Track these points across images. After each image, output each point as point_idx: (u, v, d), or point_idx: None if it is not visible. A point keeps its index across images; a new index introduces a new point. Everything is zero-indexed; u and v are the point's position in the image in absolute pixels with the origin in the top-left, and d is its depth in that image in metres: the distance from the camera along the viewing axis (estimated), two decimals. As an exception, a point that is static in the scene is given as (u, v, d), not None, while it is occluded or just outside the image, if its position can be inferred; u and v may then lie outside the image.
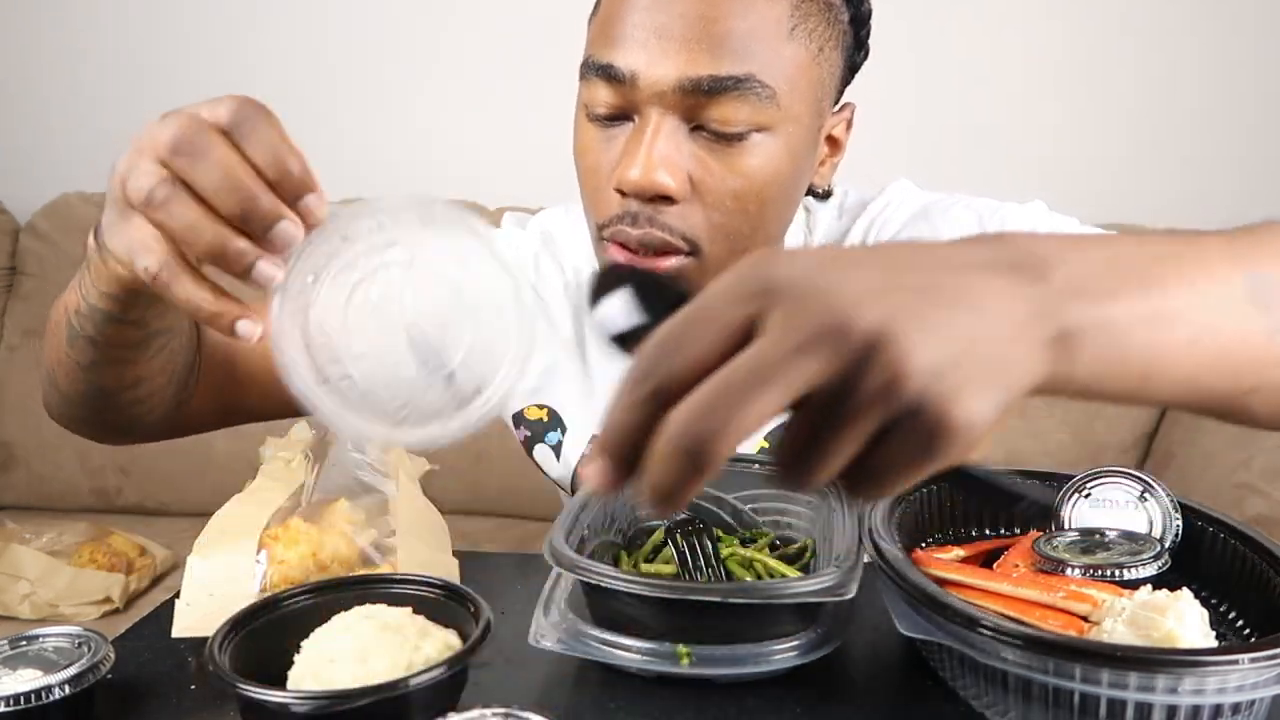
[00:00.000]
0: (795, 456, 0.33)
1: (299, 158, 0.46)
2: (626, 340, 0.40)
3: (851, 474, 0.33)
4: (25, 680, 0.50)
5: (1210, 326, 0.38)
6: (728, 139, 0.66)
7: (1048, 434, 1.65)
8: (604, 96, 0.67)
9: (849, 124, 0.77)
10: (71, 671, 0.51)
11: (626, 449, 0.33)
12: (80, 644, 0.54)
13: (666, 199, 0.66)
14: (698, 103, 0.64)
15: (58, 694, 0.50)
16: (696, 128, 0.66)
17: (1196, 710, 0.47)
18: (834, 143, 0.76)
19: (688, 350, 0.32)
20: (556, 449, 0.90)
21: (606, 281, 0.41)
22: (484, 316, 0.47)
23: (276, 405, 0.78)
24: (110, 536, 1.58)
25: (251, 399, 0.78)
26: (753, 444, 0.84)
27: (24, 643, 0.54)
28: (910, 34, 1.78)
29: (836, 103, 0.75)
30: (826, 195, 0.86)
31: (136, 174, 0.45)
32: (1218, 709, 0.47)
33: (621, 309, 0.39)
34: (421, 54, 1.96)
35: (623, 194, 0.67)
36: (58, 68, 2.08)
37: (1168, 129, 1.78)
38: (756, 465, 0.75)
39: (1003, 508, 0.35)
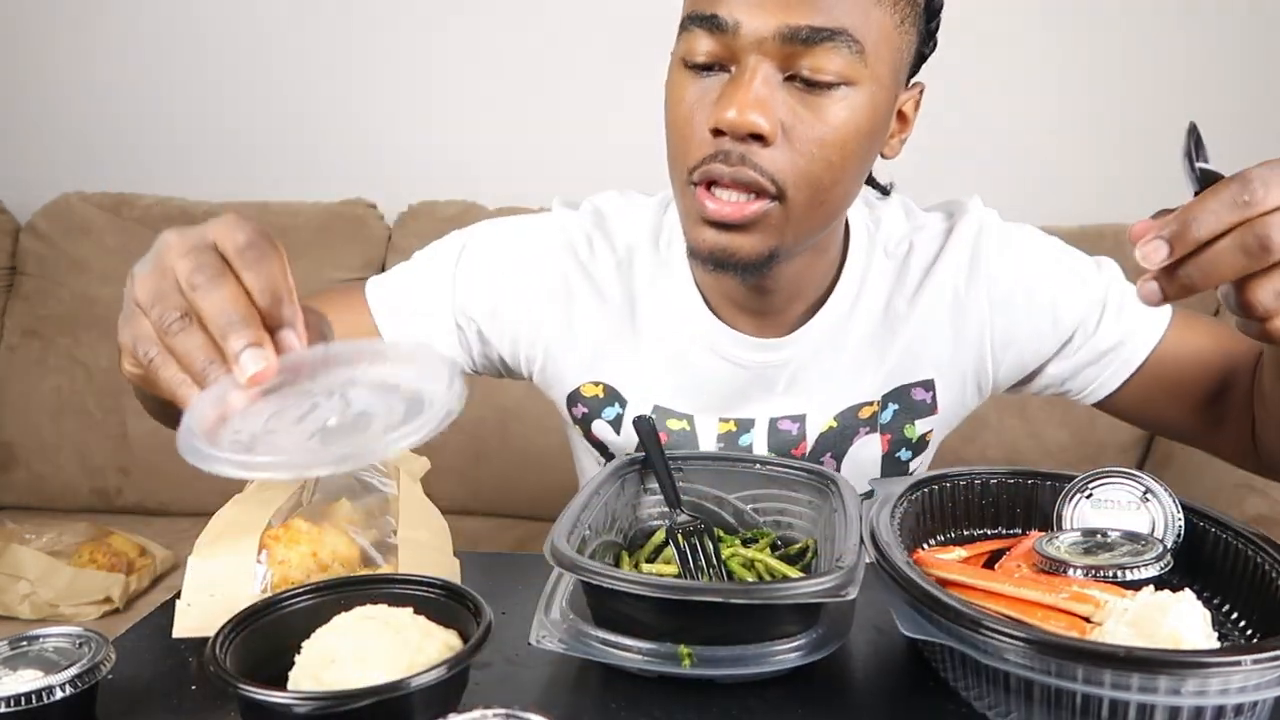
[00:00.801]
0: None
1: (290, 294, 0.50)
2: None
3: None
4: (26, 681, 0.50)
5: None
6: (818, 88, 0.69)
7: (1048, 434, 1.65)
8: (705, 46, 0.70)
9: (918, 104, 0.81)
10: (72, 672, 0.51)
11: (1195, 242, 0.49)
12: (80, 644, 0.54)
13: (760, 139, 0.69)
14: (794, 51, 0.68)
15: (58, 694, 0.50)
16: (789, 78, 0.70)
17: (1199, 711, 0.46)
18: (903, 119, 0.80)
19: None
20: (615, 423, 0.89)
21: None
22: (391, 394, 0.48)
23: None
24: (110, 536, 1.58)
25: None
26: (823, 422, 0.86)
27: (24, 643, 0.54)
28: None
29: (910, 82, 0.79)
30: (886, 191, 0.90)
31: (159, 302, 0.50)
32: (1220, 710, 0.47)
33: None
34: (422, 54, 1.96)
35: (717, 134, 0.70)
36: (58, 68, 2.08)
37: (1163, 128, 1.77)
38: (757, 465, 0.75)
39: None
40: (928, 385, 0.86)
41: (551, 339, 0.88)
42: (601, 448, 0.91)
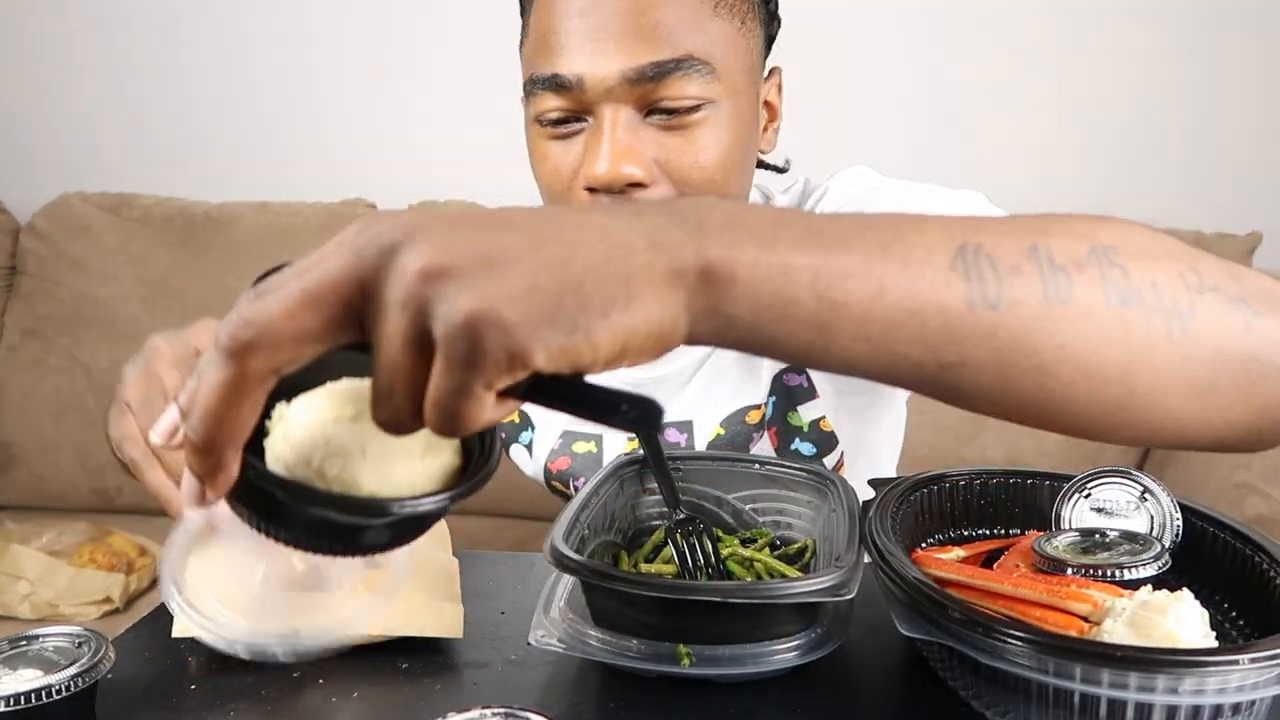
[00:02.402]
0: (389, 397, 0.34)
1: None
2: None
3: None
4: (25, 680, 0.50)
5: (897, 284, 0.38)
6: (679, 115, 0.69)
7: (1047, 434, 1.64)
8: (555, 104, 0.71)
9: (779, 88, 0.81)
10: (71, 671, 0.51)
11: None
12: (80, 643, 0.54)
13: (637, 185, 0.69)
14: (645, 90, 0.68)
15: (58, 694, 0.50)
16: (649, 114, 0.70)
17: (1197, 710, 0.47)
18: (770, 108, 0.80)
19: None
20: (529, 447, 0.92)
21: None
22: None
23: None
24: (110, 536, 1.58)
25: None
26: (709, 431, 0.84)
27: (24, 642, 0.54)
28: (902, 31, 1.79)
29: (767, 71, 0.79)
30: (783, 170, 0.90)
31: (146, 407, 0.51)
32: (1218, 709, 0.47)
33: None
34: (422, 54, 1.96)
35: (593, 191, 0.70)
36: (57, 68, 2.08)
37: (1164, 128, 1.78)
38: (757, 465, 0.75)
39: (597, 415, 0.35)
40: (799, 368, 0.83)
41: None
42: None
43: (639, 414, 0.35)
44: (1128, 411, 0.43)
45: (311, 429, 0.39)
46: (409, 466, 0.40)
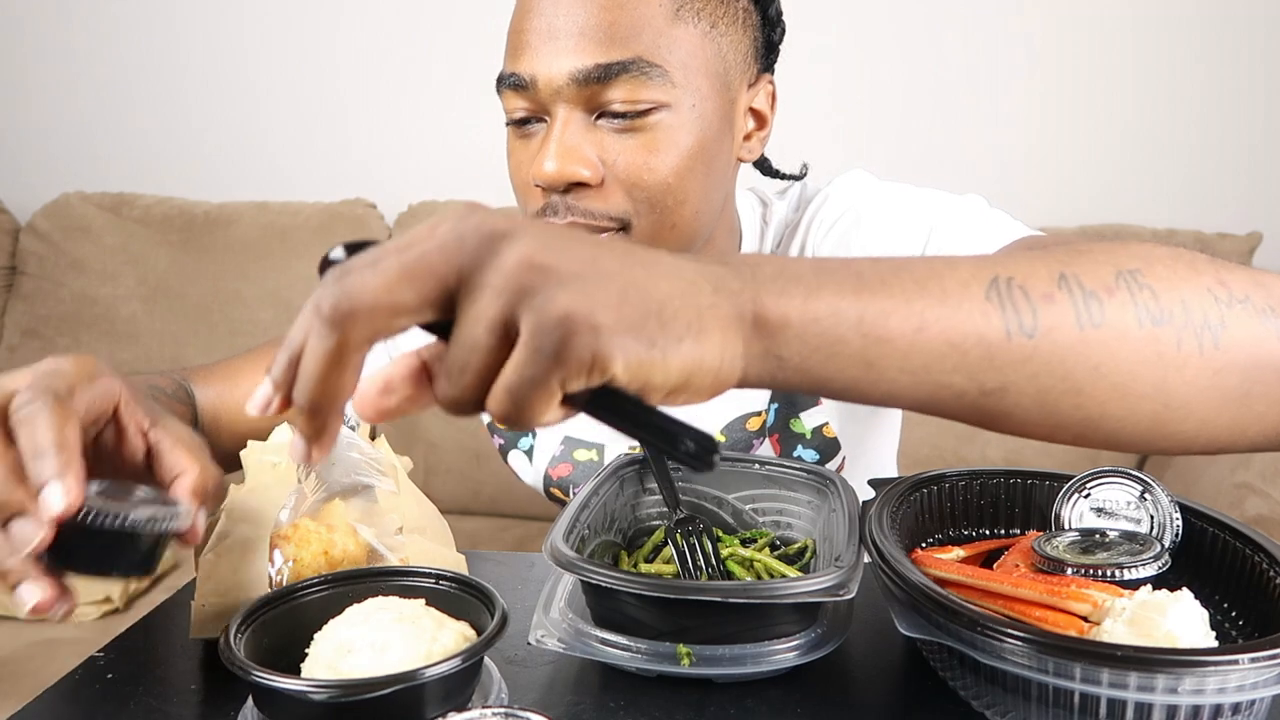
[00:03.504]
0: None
1: (62, 447, 0.49)
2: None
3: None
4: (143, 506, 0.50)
5: (938, 318, 0.40)
6: (630, 119, 0.70)
7: (1047, 434, 1.65)
8: (517, 103, 0.72)
9: (772, 97, 0.80)
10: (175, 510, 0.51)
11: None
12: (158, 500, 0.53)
13: (583, 185, 0.70)
14: (594, 91, 0.69)
15: (166, 525, 0.50)
16: (600, 116, 0.70)
17: (1196, 710, 0.47)
18: (758, 116, 0.79)
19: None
20: (529, 453, 0.92)
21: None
22: None
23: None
24: (110, 536, 1.58)
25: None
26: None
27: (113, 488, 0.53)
28: (903, 33, 1.79)
29: (756, 78, 0.78)
30: (800, 177, 0.88)
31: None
32: (1218, 709, 0.47)
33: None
34: (422, 54, 1.96)
35: (544, 190, 0.71)
36: (58, 68, 2.08)
37: (1164, 129, 1.78)
38: (757, 465, 0.75)
39: (654, 440, 0.36)
40: None
41: None
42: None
43: (698, 449, 0.35)
44: (1163, 425, 0.45)
45: None
46: None
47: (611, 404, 0.36)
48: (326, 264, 0.38)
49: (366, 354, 0.36)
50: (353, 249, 0.38)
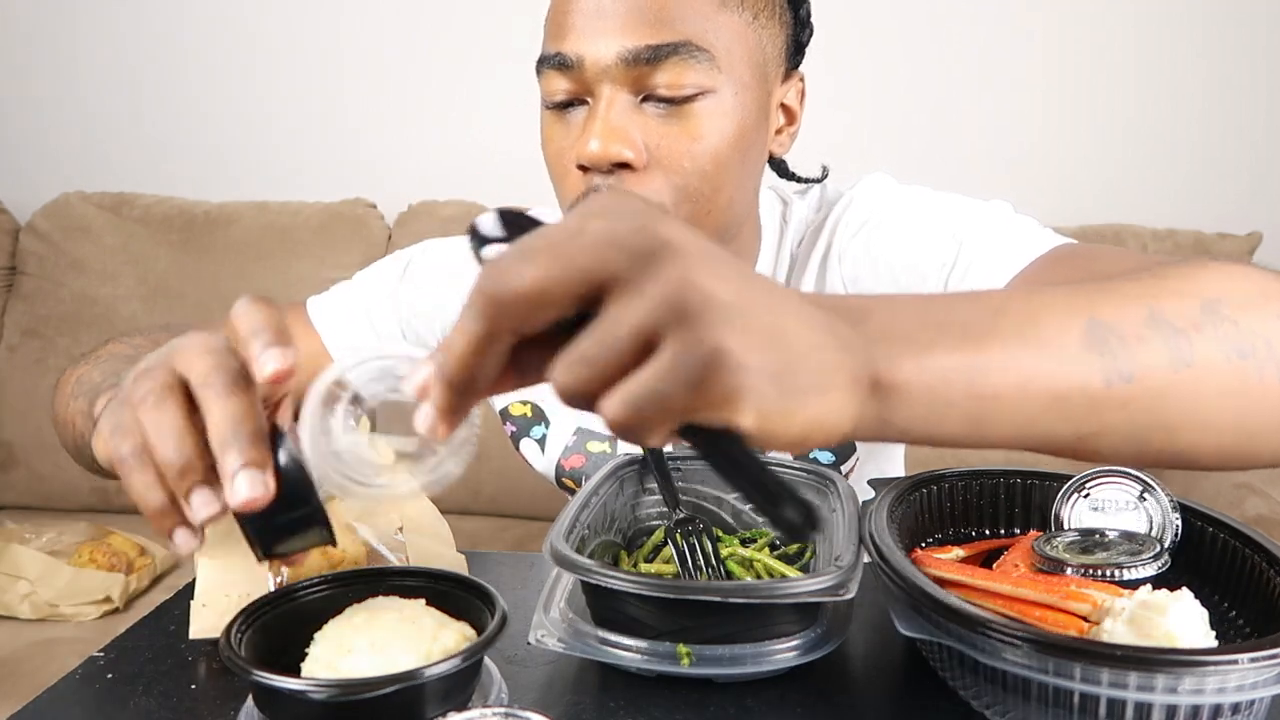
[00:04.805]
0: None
1: (250, 428, 0.45)
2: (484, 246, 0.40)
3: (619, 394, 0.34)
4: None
5: (1042, 372, 0.40)
6: (676, 104, 0.69)
7: (1047, 434, 1.65)
8: (560, 85, 0.71)
9: (802, 94, 0.80)
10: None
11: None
12: None
13: (626, 167, 0.69)
14: (641, 73, 0.68)
15: None
16: (646, 99, 0.70)
17: (1196, 710, 0.47)
18: (789, 112, 0.79)
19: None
20: (541, 442, 0.92)
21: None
22: None
23: None
24: (110, 536, 1.58)
25: None
26: None
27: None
28: (903, 33, 1.79)
29: (786, 74, 0.78)
30: (820, 180, 0.88)
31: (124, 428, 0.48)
32: (1217, 709, 0.47)
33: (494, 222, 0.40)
34: (422, 54, 1.96)
35: (585, 170, 0.70)
36: (57, 68, 2.08)
37: (1165, 128, 1.78)
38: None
39: (756, 495, 0.34)
40: None
41: None
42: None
43: (801, 520, 0.33)
44: (1240, 449, 0.47)
45: None
46: None
47: (725, 447, 0.34)
48: (475, 233, 0.38)
49: (510, 343, 0.36)
50: (506, 218, 0.37)
